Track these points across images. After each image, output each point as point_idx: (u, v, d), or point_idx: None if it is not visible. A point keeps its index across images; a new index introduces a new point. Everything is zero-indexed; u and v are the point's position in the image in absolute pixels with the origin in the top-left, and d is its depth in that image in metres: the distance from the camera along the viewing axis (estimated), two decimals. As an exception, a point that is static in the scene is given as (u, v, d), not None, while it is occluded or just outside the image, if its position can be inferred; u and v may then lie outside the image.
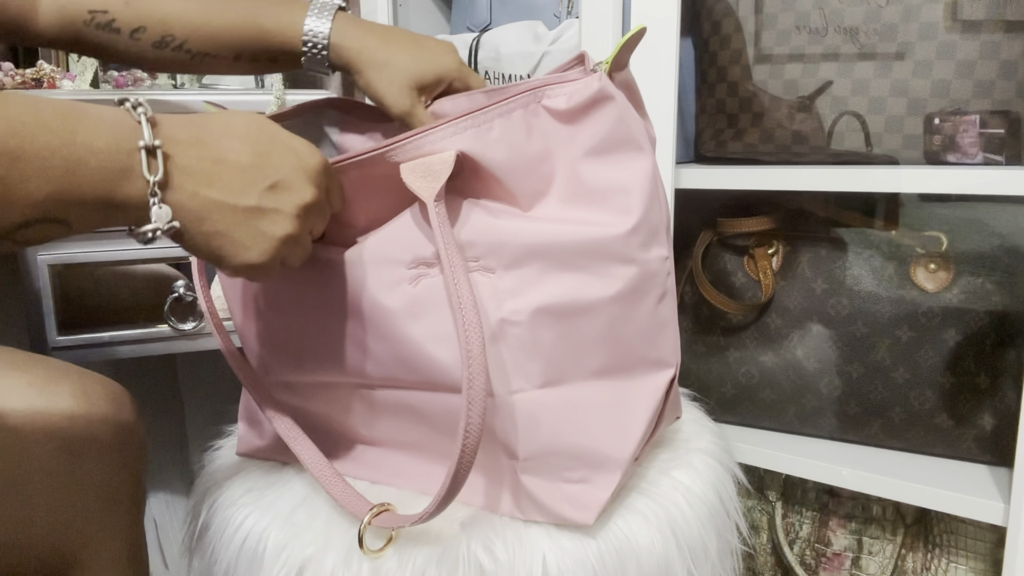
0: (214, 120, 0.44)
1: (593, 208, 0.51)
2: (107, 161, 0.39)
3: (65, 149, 0.38)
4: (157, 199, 0.41)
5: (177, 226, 0.42)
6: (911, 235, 0.80)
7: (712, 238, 0.90)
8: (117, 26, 0.64)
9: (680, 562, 0.54)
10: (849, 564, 0.86)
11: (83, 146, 0.38)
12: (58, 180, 0.38)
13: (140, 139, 0.40)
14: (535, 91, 0.51)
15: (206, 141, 0.43)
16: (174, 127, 0.42)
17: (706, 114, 0.90)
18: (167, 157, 0.41)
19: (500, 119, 0.51)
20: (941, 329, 0.77)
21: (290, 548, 0.51)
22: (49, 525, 0.56)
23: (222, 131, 0.44)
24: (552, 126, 0.52)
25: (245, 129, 0.44)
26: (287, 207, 0.45)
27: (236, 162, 0.43)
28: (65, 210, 0.39)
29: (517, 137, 0.51)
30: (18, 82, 0.99)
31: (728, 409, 0.89)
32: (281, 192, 0.44)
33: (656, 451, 0.63)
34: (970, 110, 0.73)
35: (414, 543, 0.50)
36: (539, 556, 0.49)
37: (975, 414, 0.77)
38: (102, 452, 0.58)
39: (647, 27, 0.52)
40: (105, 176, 0.39)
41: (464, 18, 1.05)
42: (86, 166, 0.38)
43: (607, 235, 0.50)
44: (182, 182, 0.42)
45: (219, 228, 0.43)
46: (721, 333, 0.89)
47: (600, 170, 0.51)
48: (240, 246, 0.44)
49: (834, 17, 0.77)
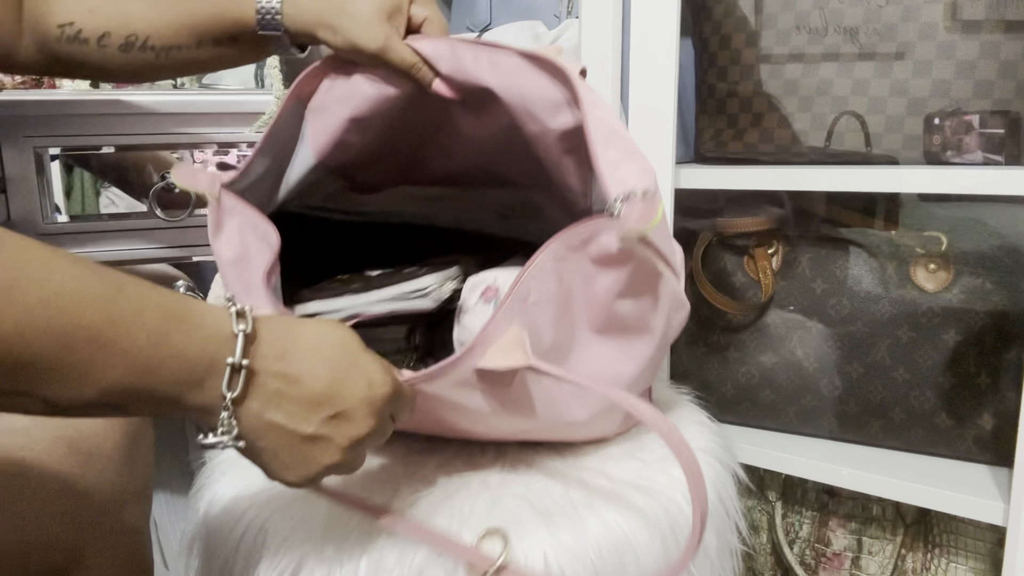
0: (306, 333, 0.44)
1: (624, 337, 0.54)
2: (189, 367, 0.39)
3: (154, 350, 0.38)
4: (229, 413, 0.41)
5: (243, 445, 0.42)
6: (911, 235, 0.80)
7: (712, 238, 0.90)
8: (85, 36, 0.64)
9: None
10: (849, 564, 0.86)
11: (174, 350, 0.38)
12: (135, 376, 0.37)
13: (231, 355, 0.40)
14: (570, 245, 0.50)
15: (290, 357, 0.43)
16: (266, 343, 0.42)
17: (706, 114, 0.90)
18: (250, 374, 0.41)
19: (535, 281, 0.50)
20: (941, 329, 0.77)
21: (288, 543, 0.51)
22: (57, 526, 0.56)
23: (309, 348, 0.44)
24: (577, 264, 0.51)
25: (330, 351, 0.44)
26: (341, 439, 0.44)
27: (310, 388, 0.43)
28: (130, 400, 0.38)
29: (553, 291, 0.51)
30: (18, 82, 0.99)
31: (728, 409, 0.89)
32: (341, 423, 0.44)
33: (656, 450, 0.63)
34: (970, 110, 0.73)
35: (413, 540, 0.50)
36: (539, 553, 0.49)
37: (975, 414, 0.77)
38: (111, 454, 0.58)
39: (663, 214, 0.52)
40: (184, 380, 0.39)
41: (464, 18, 1.06)
42: (167, 368, 0.38)
43: None
44: (253, 400, 0.42)
45: (271, 447, 0.43)
46: (721, 333, 0.89)
47: (629, 306, 0.52)
48: (285, 466, 0.44)
49: (834, 17, 0.77)
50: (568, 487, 0.56)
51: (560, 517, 0.52)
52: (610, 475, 0.58)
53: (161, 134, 0.93)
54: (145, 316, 0.38)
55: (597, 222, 0.49)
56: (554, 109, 0.56)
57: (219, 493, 0.59)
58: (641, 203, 0.47)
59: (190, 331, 0.39)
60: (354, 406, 0.44)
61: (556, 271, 0.50)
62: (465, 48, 0.58)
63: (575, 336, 0.54)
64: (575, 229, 0.49)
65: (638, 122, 0.81)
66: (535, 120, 0.57)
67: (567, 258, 0.50)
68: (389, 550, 0.50)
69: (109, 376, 0.37)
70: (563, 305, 0.51)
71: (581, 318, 0.53)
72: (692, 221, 0.91)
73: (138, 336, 0.37)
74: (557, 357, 0.54)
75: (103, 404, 0.38)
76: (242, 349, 0.40)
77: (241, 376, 0.40)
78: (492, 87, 0.57)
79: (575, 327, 0.53)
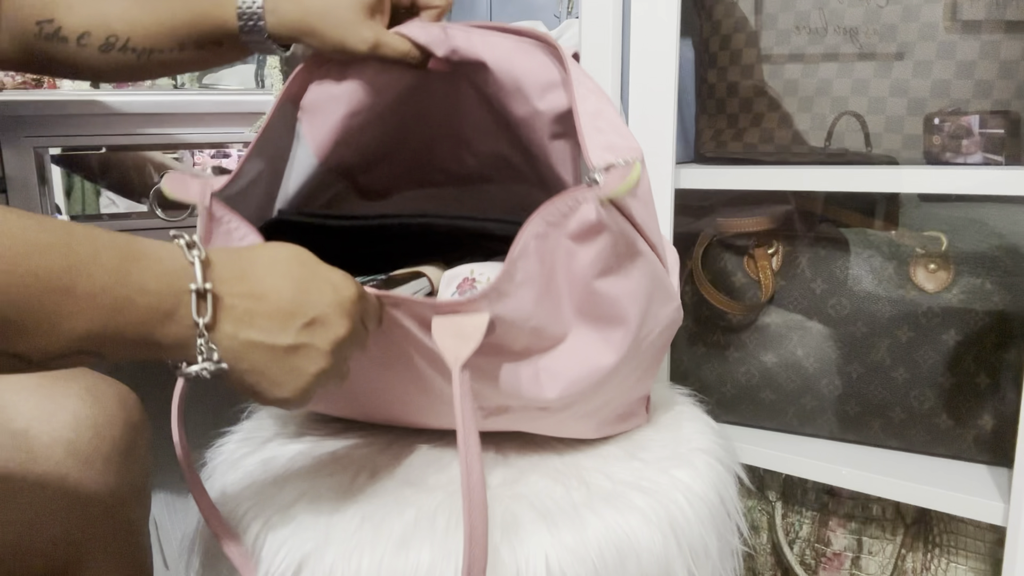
0: (260, 255, 0.45)
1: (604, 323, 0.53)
2: (156, 302, 0.39)
3: (117, 289, 0.38)
4: (205, 340, 0.41)
5: (225, 367, 0.42)
6: (911, 235, 0.80)
7: (712, 238, 0.90)
8: (64, 34, 0.63)
9: (680, 561, 0.54)
10: (849, 564, 0.86)
11: (135, 286, 0.39)
12: (103, 318, 0.38)
13: (192, 281, 0.40)
14: (549, 221, 0.50)
15: (250, 277, 0.43)
16: (223, 266, 0.43)
17: (706, 114, 0.90)
18: (216, 298, 0.41)
19: (521, 260, 0.49)
20: (941, 329, 0.77)
21: (290, 543, 0.51)
22: (56, 527, 0.56)
23: (267, 266, 0.44)
24: (557, 241, 0.51)
25: (287, 265, 0.45)
26: (322, 343, 0.45)
27: (277, 300, 0.43)
28: (103, 345, 0.38)
29: (534, 271, 0.51)
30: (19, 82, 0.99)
31: (728, 409, 0.89)
32: (317, 328, 0.45)
33: (657, 450, 0.63)
34: (970, 110, 0.73)
35: (416, 540, 0.50)
36: (541, 554, 0.49)
37: (975, 414, 0.77)
38: (110, 454, 0.58)
39: (642, 165, 0.51)
40: (151, 316, 0.39)
41: (464, 18, 1.06)
42: (134, 306, 0.38)
43: None
44: (225, 323, 0.42)
45: (256, 366, 0.43)
46: (721, 333, 0.89)
47: (607, 285, 0.52)
48: (275, 383, 0.44)
49: (834, 17, 0.77)
50: (569, 488, 0.56)
51: (561, 518, 0.52)
52: (611, 476, 0.58)
53: (161, 134, 0.93)
54: (101, 257, 0.38)
55: (577, 192, 0.49)
56: (545, 89, 0.56)
57: (219, 493, 0.59)
58: (622, 168, 0.48)
59: (149, 266, 0.39)
60: (325, 310, 0.45)
61: (538, 251, 0.50)
62: (457, 30, 0.58)
63: (558, 317, 0.54)
64: (554, 203, 0.49)
65: (638, 122, 0.81)
66: (525, 100, 0.57)
67: (547, 235, 0.50)
68: (391, 550, 0.50)
69: (77, 323, 0.37)
70: (546, 285, 0.51)
71: (563, 298, 0.53)
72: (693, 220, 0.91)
73: (98, 278, 0.37)
74: (540, 338, 0.54)
75: (77, 352, 0.38)
76: (202, 274, 0.41)
77: (208, 301, 0.41)
78: (486, 60, 0.57)
79: (558, 307, 0.53)
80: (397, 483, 0.58)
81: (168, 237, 0.43)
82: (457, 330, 0.48)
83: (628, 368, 0.57)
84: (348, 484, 0.58)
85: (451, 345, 0.48)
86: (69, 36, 0.63)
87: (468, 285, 0.57)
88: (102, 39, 0.63)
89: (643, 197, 0.53)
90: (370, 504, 0.55)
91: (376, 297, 0.50)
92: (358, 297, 0.47)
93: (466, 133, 0.68)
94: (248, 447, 0.65)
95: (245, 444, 0.65)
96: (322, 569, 0.50)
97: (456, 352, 0.47)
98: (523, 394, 0.55)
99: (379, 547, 0.50)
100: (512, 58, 0.57)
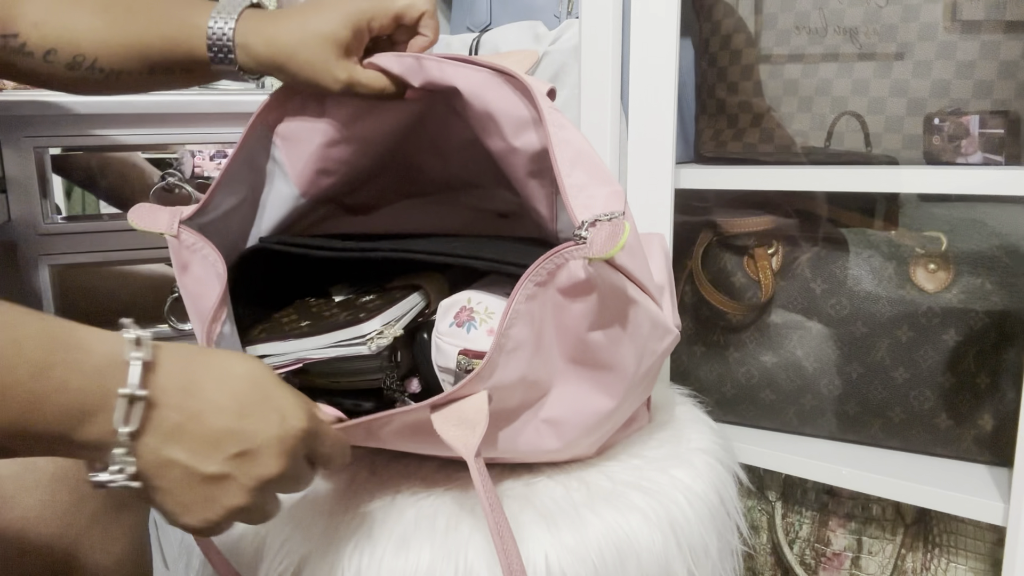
0: (214, 366, 0.41)
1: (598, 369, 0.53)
2: (76, 400, 0.36)
3: (33, 383, 0.35)
4: (124, 451, 0.37)
5: (137, 486, 0.38)
6: (911, 235, 0.81)
7: (712, 238, 0.90)
8: (29, 49, 0.61)
9: (680, 561, 0.54)
10: (849, 564, 0.86)
11: (56, 381, 0.35)
12: (15, 414, 0.34)
13: (122, 386, 0.37)
14: (537, 281, 0.49)
15: (194, 391, 0.40)
16: (168, 374, 0.39)
17: (706, 114, 0.90)
18: (149, 406, 0.38)
19: (512, 329, 0.48)
20: (941, 329, 0.77)
21: (290, 544, 0.51)
22: (54, 529, 0.56)
23: (216, 381, 0.41)
24: (546, 297, 0.50)
25: (239, 384, 0.41)
26: (245, 479, 0.40)
27: (212, 425, 0.40)
28: (11, 441, 0.35)
29: (528, 334, 0.50)
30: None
31: (728, 409, 0.89)
32: (246, 461, 0.40)
33: (657, 450, 0.63)
34: (970, 110, 0.73)
35: (417, 541, 0.50)
36: (541, 553, 0.49)
37: (975, 414, 0.77)
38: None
39: (630, 231, 0.49)
40: (71, 415, 0.36)
41: (464, 18, 1.06)
42: (51, 403, 0.35)
43: None
44: (151, 435, 0.38)
45: (170, 487, 0.39)
46: (721, 333, 0.89)
47: (600, 336, 0.51)
48: (183, 508, 0.40)
49: (834, 17, 0.77)
50: (569, 488, 0.56)
51: (561, 518, 0.52)
52: (611, 475, 0.58)
53: (161, 134, 0.93)
54: (24, 347, 0.35)
55: (563, 251, 0.48)
56: (519, 127, 0.55)
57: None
58: (608, 226, 0.46)
59: (78, 359, 0.36)
60: (262, 444, 0.40)
61: (528, 312, 0.49)
62: (430, 61, 0.57)
63: (552, 368, 0.53)
64: (542, 264, 0.48)
65: (638, 122, 0.81)
66: (501, 136, 0.56)
67: (536, 295, 0.49)
68: (391, 550, 0.50)
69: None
70: (537, 342, 0.51)
71: (555, 349, 0.53)
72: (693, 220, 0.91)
73: (16, 370, 0.34)
74: (535, 392, 0.54)
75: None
76: (141, 378, 0.37)
77: (139, 408, 0.37)
78: (460, 88, 0.56)
79: (551, 359, 0.53)
80: (397, 483, 0.58)
81: (165, 240, 0.41)
82: (459, 418, 0.47)
83: (628, 403, 0.57)
84: (348, 484, 0.58)
85: (458, 435, 0.46)
86: (35, 51, 0.61)
87: (466, 315, 0.57)
88: (69, 57, 0.61)
89: (631, 247, 0.51)
90: (370, 504, 0.55)
91: (343, 432, 0.48)
92: (305, 434, 0.43)
93: (450, 146, 0.67)
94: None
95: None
96: (322, 569, 0.50)
97: (465, 441, 0.46)
98: (521, 448, 0.55)
99: (379, 547, 0.50)
100: (485, 92, 0.55)
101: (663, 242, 0.67)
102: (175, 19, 0.60)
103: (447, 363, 0.56)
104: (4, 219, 0.88)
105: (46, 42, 0.61)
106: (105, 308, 0.96)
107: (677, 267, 0.87)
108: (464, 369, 0.54)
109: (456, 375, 0.56)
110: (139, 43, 0.61)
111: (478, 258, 0.55)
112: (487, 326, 0.54)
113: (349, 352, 0.56)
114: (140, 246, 0.92)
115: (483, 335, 0.55)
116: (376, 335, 0.55)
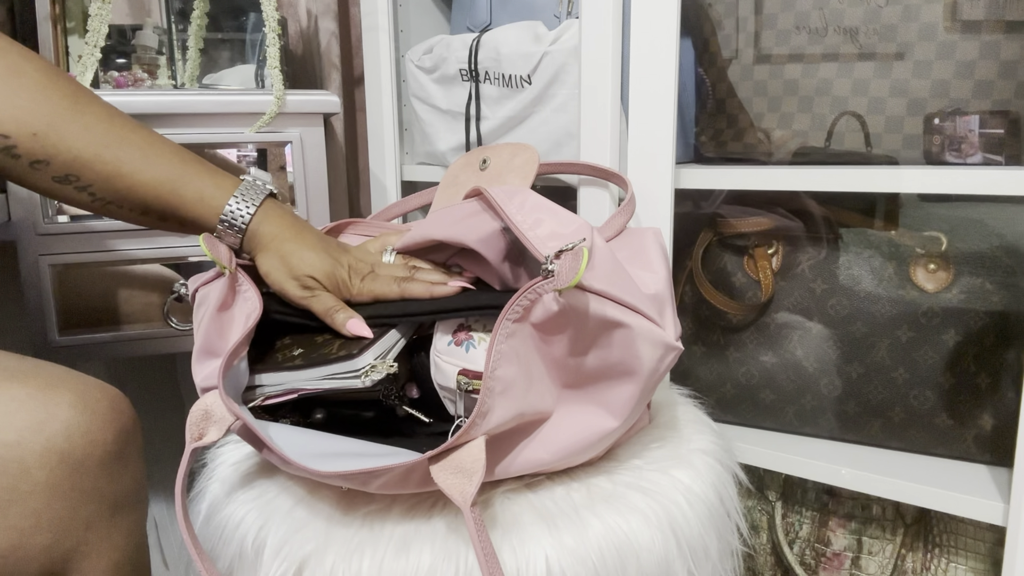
0: None
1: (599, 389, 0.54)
2: None
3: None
4: None
5: None
6: (911, 235, 0.80)
7: (712, 238, 0.90)
8: (17, 153, 0.60)
9: (680, 561, 0.54)
10: (849, 564, 0.86)
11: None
12: None
13: None
14: (514, 319, 0.50)
15: None
16: None
17: (706, 114, 0.90)
18: None
19: (498, 370, 0.49)
20: (941, 329, 0.77)
21: (290, 545, 0.51)
22: (51, 535, 0.55)
23: None
24: (525, 332, 0.52)
25: None
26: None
27: None
28: None
29: (515, 372, 0.51)
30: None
31: (728, 409, 0.89)
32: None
33: (656, 451, 0.63)
34: (970, 110, 0.73)
35: (417, 543, 0.50)
36: (541, 554, 0.49)
37: (975, 414, 0.77)
38: (103, 460, 0.58)
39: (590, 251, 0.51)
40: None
41: (464, 18, 1.05)
42: None
43: None
44: None
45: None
46: (721, 333, 0.89)
47: (588, 360, 0.53)
48: None
49: (834, 17, 0.77)
50: (569, 489, 0.56)
51: (561, 519, 0.52)
52: (611, 476, 0.58)
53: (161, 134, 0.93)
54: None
55: (535, 287, 0.50)
56: (495, 241, 0.60)
57: (220, 495, 0.59)
58: (570, 255, 0.49)
59: None
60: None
61: (512, 350, 0.50)
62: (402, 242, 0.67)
63: (549, 397, 0.54)
64: (517, 301, 0.50)
65: (638, 122, 0.81)
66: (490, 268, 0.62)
67: (515, 332, 0.50)
68: (391, 552, 0.50)
69: None
70: (527, 377, 0.51)
71: (547, 380, 0.53)
72: (693, 220, 0.91)
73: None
74: (536, 425, 0.54)
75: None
76: None
77: None
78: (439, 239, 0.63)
79: (546, 390, 0.54)
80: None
81: (164, 240, 0.42)
82: (456, 467, 0.47)
83: (632, 418, 0.57)
84: (348, 485, 0.58)
85: (455, 483, 0.47)
86: (23, 157, 0.60)
87: (464, 335, 0.58)
88: (60, 173, 0.61)
89: (602, 268, 0.52)
90: (370, 506, 0.55)
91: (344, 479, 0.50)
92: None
93: None
94: (249, 448, 0.65)
95: (246, 445, 0.65)
96: (322, 571, 0.50)
97: (462, 490, 0.46)
98: (516, 471, 0.55)
99: (379, 549, 0.50)
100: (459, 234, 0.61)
101: (659, 237, 0.67)
102: (196, 186, 0.64)
103: (447, 383, 0.57)
104: (4, 219, 0.88)
105: (39, 153, 0.60)
106: (105, 308, 0.96)
107: (677, 267, 0.87)
108: (464, 389, 0.55)
109: (457, 395, 0.57)
110: (148, 191, 0.63)
111: (467, 308, 0.58)
112: (486, 345, 0.55)
113: (343, 385, 0.57)
114: (140, 246, 0.92)
115: (482, 355, 0.56)
116: (370, 369, 0.56)
